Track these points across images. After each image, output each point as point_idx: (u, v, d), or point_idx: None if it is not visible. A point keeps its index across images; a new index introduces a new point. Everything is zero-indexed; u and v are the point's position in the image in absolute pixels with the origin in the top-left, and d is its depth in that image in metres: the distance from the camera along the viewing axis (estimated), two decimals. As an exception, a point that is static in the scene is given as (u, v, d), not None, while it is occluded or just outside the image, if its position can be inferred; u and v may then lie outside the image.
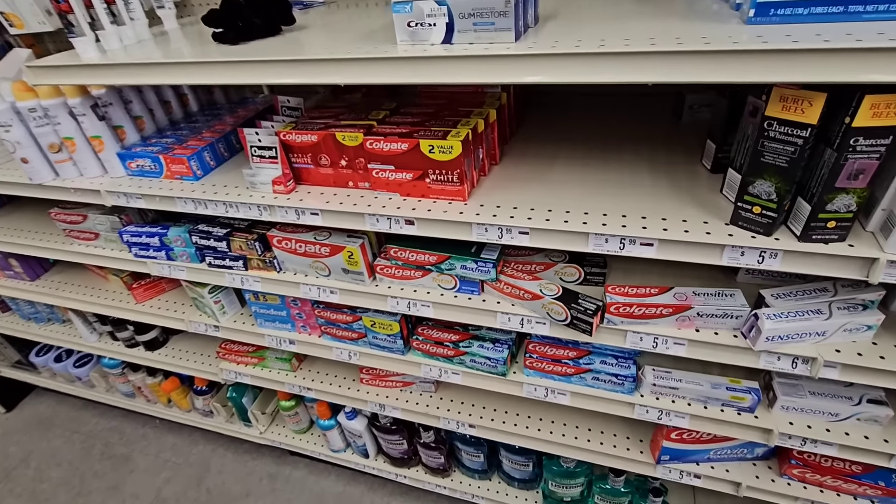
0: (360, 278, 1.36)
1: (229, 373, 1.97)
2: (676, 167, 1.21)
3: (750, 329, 1.08)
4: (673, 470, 1.46)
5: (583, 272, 1.26)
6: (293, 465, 2.43)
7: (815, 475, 1.34)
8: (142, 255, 1.59)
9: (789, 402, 1.21)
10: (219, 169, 1.47)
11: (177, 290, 1.96)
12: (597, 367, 1.33)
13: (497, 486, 1.99)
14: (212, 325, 1.77)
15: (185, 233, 1.50)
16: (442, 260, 1.25)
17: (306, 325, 1.63)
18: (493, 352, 1.40)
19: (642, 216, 1.03)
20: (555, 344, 1.38)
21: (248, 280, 1.50)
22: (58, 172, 1.51)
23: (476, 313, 1.29)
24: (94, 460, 2.58)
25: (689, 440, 1.37)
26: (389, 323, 1.45)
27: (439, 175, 1.13)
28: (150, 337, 2.10)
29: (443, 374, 1.49)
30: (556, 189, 1.17)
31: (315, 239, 1.34)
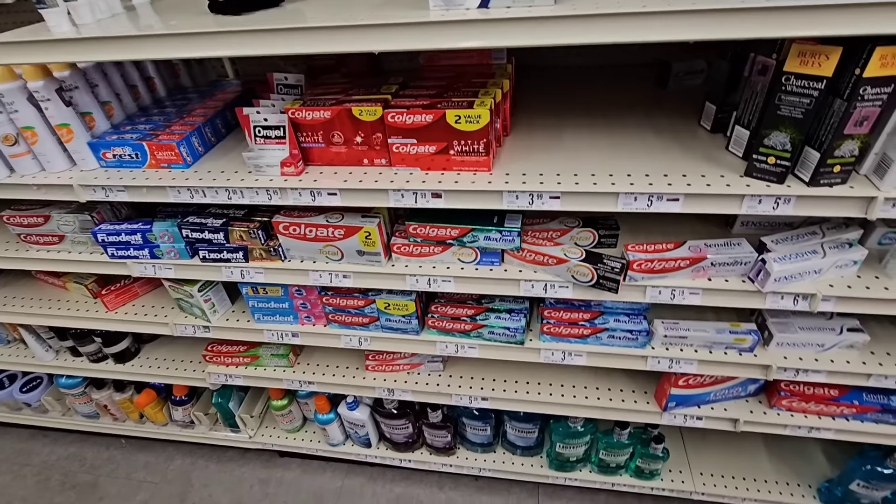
0: (376, 259, 1.33)
1: (218, 376, 1.86)
2: (678, 129, 1.28)
3: (758, 273, 1.18)
4: (678, 415, 1.58)
5: (597, 235, 1.31)
6: (284, 467, 2.34)
7: (801, 403, 1.50)
8: (120, 255, 1.45)
9: (784, 339, 1.34)
10: (208, 154, 1.37)
11: (152, 293, 1.81)
12: (611, 325, 1.39)
13: (502, 458, 2.04)
14: (201, 327, 1.65)
15: (174, 227, 1.38)
16: (464, 233, 1.25)
17: (310, 315, 1.57)
18: (511, 321, 1.43)
19: (664, 174, 1.09)
20: (569, 308, 1.43)
21: (250, 272, 1.41)
22: (13, 168, 1.33)
23: (498, 283, 1.30)
24: (54, 493, 2.33)
25: (694, 385, 1.48)
26: (405, 303, 1.43)
27: (464, 146, 1.13)
28: (120, 348, 1.92)
29: (459, 349, 1.50)
30: (572, 155, 1.21)
31: (327, 222, 1.29)
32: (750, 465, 1.93)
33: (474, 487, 2.19)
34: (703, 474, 1.92)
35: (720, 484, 1.88)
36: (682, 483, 1.89)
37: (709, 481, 1.89)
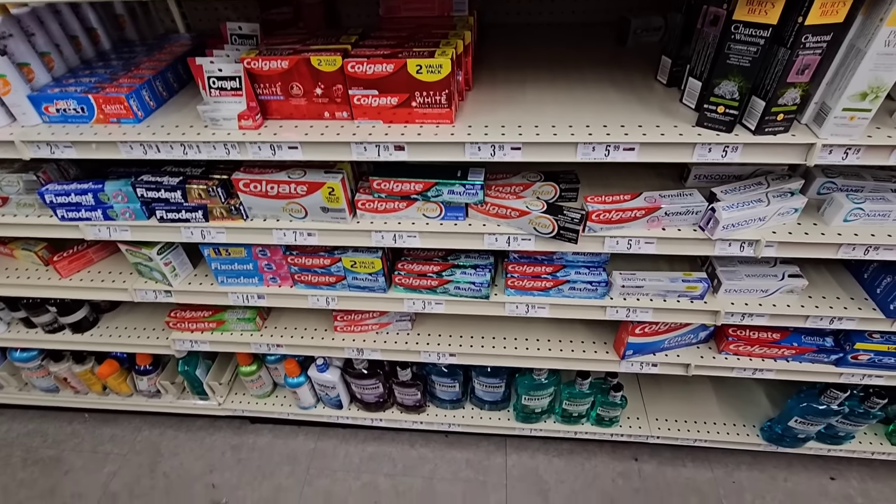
0: (340, 216, 1.32)
1: (183, 343, 1.83)
2: (636, 84, 1.31)
3: (707, 222, 1.24)
4: (635, 363, 1.66)
5: (558, 189, 1.34)
6: (256, 433, 2.36)
7: (747, 347, 1.61)
8: (71, 217, 1.39)
9: (731, 286, 1.43)
10: (160, 110, 1.31)
11: (108, 258, 1.75)
12: (572, 277, 1.44)
13: (470, 413, 2.11)
14: (162, 291, 1.62)
15: (128, 186, 1.33)
16: (428, 187, 1.26)
17: (276, 277, 1.56)
18: (477, 276, 1.46)
19: (620, 125, 1.12)
20: (532, 262, 1.47)
21: (210, 232, 1.38)
22: (-55, 124, 1.25)
23: (463, 237, 1.32)
24: (16, 469, 2.28)
25: (650, 333, 1.57)
26: (371, 261, 1.44)
27: (426, 98, 1.12)
28: (77, 317, 1.86)
29: (426, 305, 1.53)
30: (533, 108, 1.22)
31: (289, 178, 1.27)
32: (701, 410, 2.07)
33: (445, 443, 2.26)
34: (659, 419, 2.04)
35: (674, 428, 2.01)
36: (640, 428, 2.02)
37: (664, 426, 2.02)
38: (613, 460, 2.18)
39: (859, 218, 1.23)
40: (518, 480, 2.13)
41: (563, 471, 2.16)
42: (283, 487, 2.15)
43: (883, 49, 0.90)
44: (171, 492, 2.15)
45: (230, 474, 2.20)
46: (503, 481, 2.13)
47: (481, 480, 2.13)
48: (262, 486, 2.15)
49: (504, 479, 2.14)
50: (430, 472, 2.17)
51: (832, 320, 1.41)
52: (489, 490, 2.10)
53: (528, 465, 2.18)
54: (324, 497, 2.10)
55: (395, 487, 2.12)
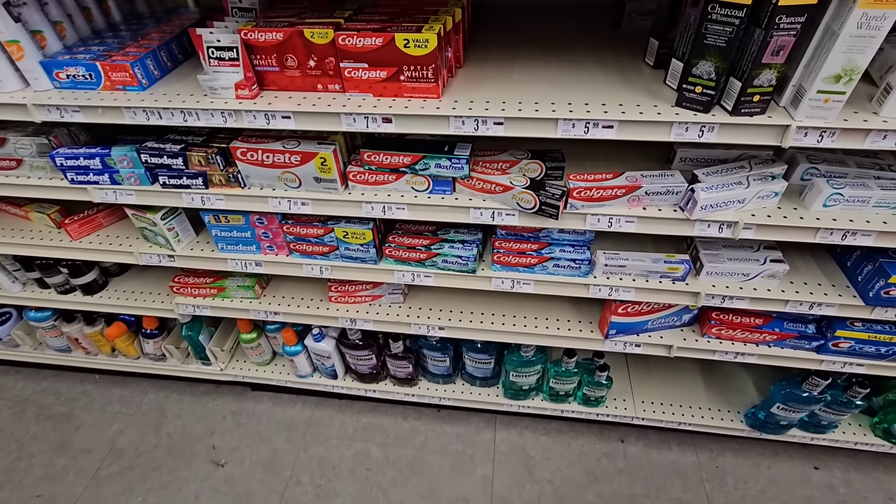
0: (332, 186, 1.38)
1: (186, 307, 1.91)
2: (624, 65, 1.34)
3: (687, 202, 1.27)
4: (618, 342, 1.70)
5: (544, 167, 1.38)
6: (256, 400, 2.45)
7: (729, 331, 1.63)
8: (80, 180, 1.46)
9: (713, 269, 1.45)
10: (164, 79, 1.38)
11: (117, 223, 1.83)
12: (557, 255, 1.48)
13: (461, 388, 2.17)
14: (166, 256, 1.69)
15: (133, 151, 1.40)
16: (416, 160, 1.30)
17: (273, 245, 1.63)
18: (464, 251, 1.51)
19: (602, 104, 1.15)
20: (518, 239, 1.52)
21: (210, 199, 1.45)
22: (-36, 87, 1.32)
23: (450, 211, 1.37)
24: (30, 423, 2.41)
25: (632, 313, 1.60)
26: (362, 232, 1.50)
27: (414, 72, 1.16)
28: (88, 279, 1.96)
29: (416, 277, 1.58)
30: (520, 86, 1.26)
31: (284, 147, 1.32)
32: (687, 394, 2.10)
33: (437, 418, 2.33)
34: (645, 402, 2.08)
35: (659, 410, 2.05)
36: (626, 409, 2.06)
37: (649, 408, 2.06)
38: (600, 441, 2.23)
39: (839, 203, 1.24)
40: (505, 455, 2.19)
41: (549, 448, 2.21)
42: (280, 451, 2.24)
43: (856, 31, 0.91)
44: (174, 451, 2.26)
45: (230, 437, 2.30)
46: (491, 455, 2.19)
47: (469, 454, 2.20)
48: (259, 450, 2.25)
49: (492, 453, 2.20)
50: (420, 443, 2.24)
51: (811, 306, 1.43)
52: (477, 463, 2.17)
53: (515, 442, 2.24)
54: (318, 462, 2.19)
55: (386, 456, 2.20)
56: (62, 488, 2.16)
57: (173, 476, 2.18)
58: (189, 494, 2.12)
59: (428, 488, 2.08)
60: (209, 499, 2.10)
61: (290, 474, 2.16)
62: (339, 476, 2.15)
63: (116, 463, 2.24)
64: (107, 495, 2.13)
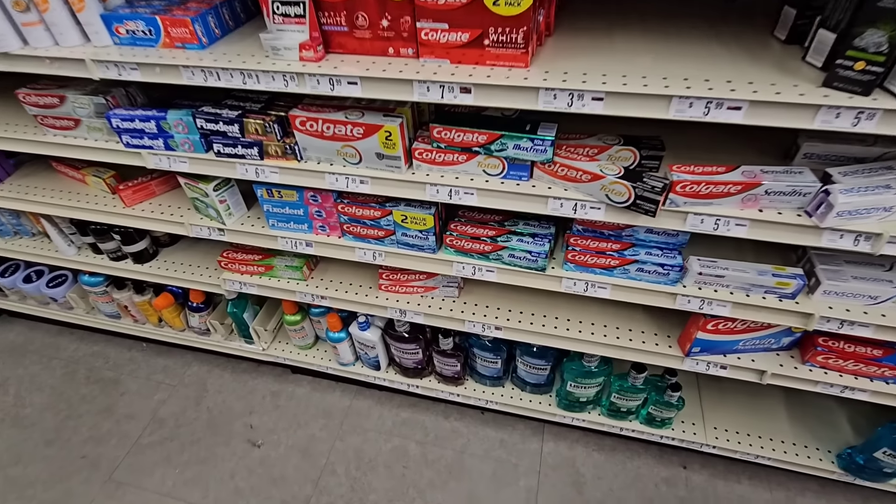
0: (396, 164, 1.24)
1: (233, 283, 1.85)
2: (746, 40, 1.12)
3: (818, 206, 1.05)
4: (701, 362, 1.50)
5: (638, 155, 1.19)
6: (296, 383, 2.39)
7: (838, 361, 1.40)
8: (134, 143, 1.40)
9: (832, 287, 1.22)
10: (225, 39, 1.28)
11: (170, 192, 1.78)
12: (642, 258, 1.30)
13: (510, 392, 2.02)
14: (216, 229, 1.62)
15: (188, 116, 1.32)
16: (492, 139, 1.15)
17: (325, 225, 1.52)
18: (534, 245, 1.34)
19: (727, 81, 0.95)
20: (598, 237, 1.34)
21: (265, 171, 1.35)
22: (26, 39, 1.27)
23: (525, 199, 1.21)
24: (80, 385, 2.45)
25: (724, 331, 1.39)
26: (423, 217, 1.36)
27: (500, 35, 1.00)
28: (139, 248, 1.93)
29: (477, 271, 1.44)
30: (622, 57, 1.07)
31: (346, 118, 1.20)
32: (767, 424, 1.86)
33: (480, 420, 2.20)
34: (717, 428, 1.86)
35: (734, 439, 1.82)
36: (694, 434, 1.84)
37: (722, 435, 1.84)
38: (659, 464, 2.03)
39: None
40: (552, 469, 2.03)
41: (602, 466, 2.03)
42: (316, 438, 2.17)
43: None
44: (213, 426, 2.23)
45: (268, 418, 2.26)
46: (536, 467, 2.04)
47: (513, 463, 2.05)
48: (296, 434, 2.19)
49: (538, 465, 2.04)
50: (461, 446, 2.11)
51: (957, 341, 1.18)
52: (520, 473, 2.02)
53: (564, 455, 2.07)
54: (354, 453, 2.11)
55: (424, 455, 2.09)
56: (106, 451, 2.18)
57: (210, 452, 2.15)
58: (225, 472, 2.08)
59: (467, 495, 1.96)
60: (244, 479, 2.06)
61: (326, 463, 2.09)
62: (374, 470, 2.05)
63: (157, 432, 2.24)
64: (147, 463, 2.13)
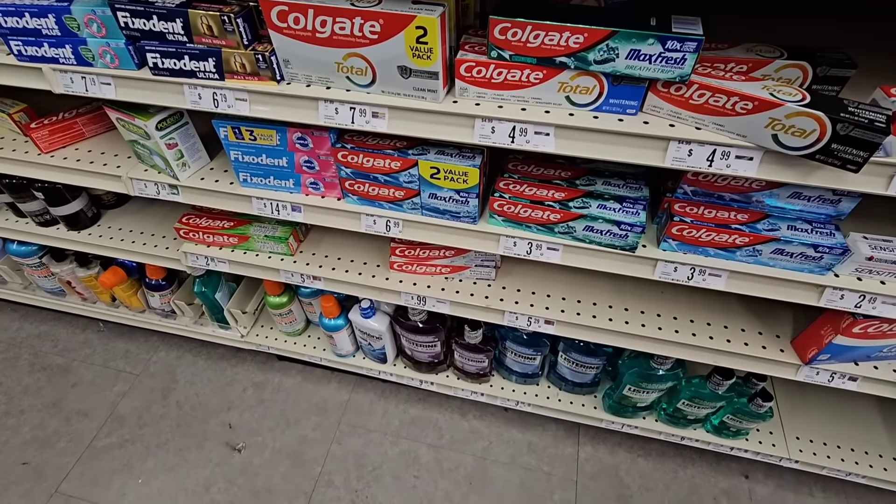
0: (430, 85, 0.79)
1: (196, 258, 1.41)
2: None
3: None
4: (824, 372, 1.12)
5: (810, 73, 0.76)
6: (283, 372, 2.01)
7: None
8: (30, 55, 0.93)
9: None
10: None
11: (105, 135, 1.31)
12: (785, 234, 0.89)
13: (545, 392, 1.66)
14: (166, 185, 1.17)
15: (104, 6, 0.85)
16: (596, 39, 0.70)
17: (318, 181, 1.07)
18: (625, 214, 0.92)
19: None
20: (716, 204, 0.92)
21: (227, 97, 0.90)
22: None
23: (631, 144, 0.78)
24: (22, 373, 2.04)
25: (874, 334, 1.01)
26: (464, 170, 0.92)
27: None
28: (71, 210, 1.47)
29: (534, 250, 1.02)
30: None
31: (353, 6, 0.74)
32: (861, 435, 1.54)
33: (503, 419, 1.85)
34: (801, 439, 1.53)
35: (821, 453, 1.50)
36: (773, 447, 1.51)
37: (807, 448, 1.51)
38: (716, 473, 1.71)
39: None
40: (591, 479, 1.70)
41: (649, 476, 1.71)
42: (309, 441, 1.81)
43: None
44: (183, 425, 1.86)
45: (250, 416, 1.88)
46: (573, 476, 1.71)
47: (546, 472, 1.72)
48: (284, 436, 1.82)
49: (574, 473, 1.71)
50: (482, 450, 1.77)
51: None
52: (555, 485, 1.68)
53: (605, 462, 1.74)
54: (354, 459, 1.75)
55: (439, 462, 1.74)
56: (52, 456, 1.80)
57: (181, 457, 1.78)
58: (198, 482, 1.72)
59: (491, 512, 1.63)
60: (222, 491, 1.70)
61: (321, 472, 1.74)
62: (379, 481, 1.71)
63: (116, 433, 1.85)
64: (102, 471, 1.75)
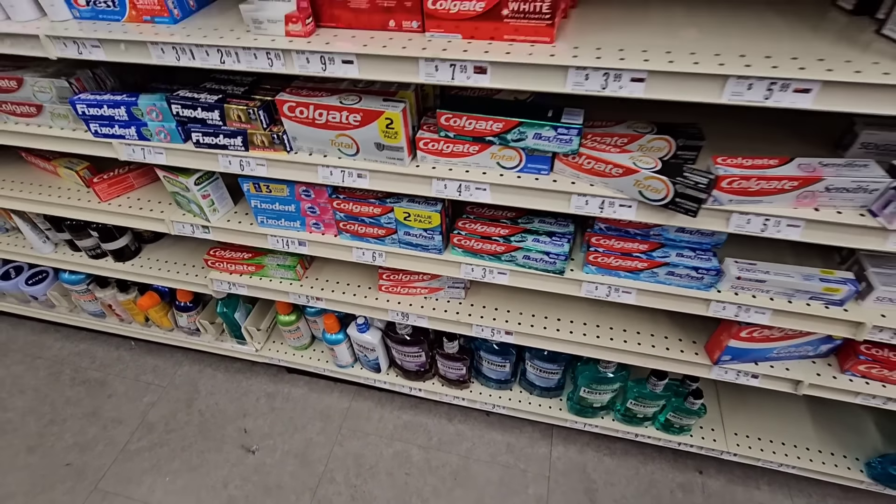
0: (398, 156, 1.10)
1: (221, 283, 1.71)
2: (804, 10, 0.97)
3: (885, 205, 0.91)
4: (730, 371, 1.38)
5: (674, 145, 1.05)
6: (292, 383, 2.27)
7: (882, 370, 1.28)
8: (104, 133, 1.25)
9: (886, 293, 1.10)
10: (202, 12, 1.12)
11: (150, 186, 1.63)
12: (674, 260, 1.16)
13: (518, 396, 1.91)
14: (199, 226, 1.48)
15: (162, 101, 1.16)
16: (509, 127, 1.00)
17: (319, 222, 1.37)
18: (552, 246, 1.21)
19: (792, 58, 0.80)
20: (623, 237, 1.20)
21: (250, 163, 1.20)
22: (-27, 13, 1.11)
23: (545, 196, 1.07)
24: (65, 386, 2.32)
25: (759, 338, 1.27)
26: (428, 214, 1.22)
27: (522, 4, 0.85)
28: (119, 245, 1.78)
29: (487, 274, 1.30)
30: (662, 31, 0.92)
31: (341, 104, 1.05)
32: (791, 431, 1.75)
33: (485, 423, 2.09)
34: (738, 434, 1.75)
35: (756, 447, 1.72)
36: (714, 441, 1.74)
37: (743, 442, 1.73)
38: (673, 469, 1.93)
39: None
40: (562, 475, 1.93)
41: (614, 472, 1.93)
42: (314, 443, 2.06)
43: None
44: (204, 430, 2.12)
45: (262, 422, 2.14)
46: (546, 473, 1.93)
47: (521, 468, 1.95)
48: (292, 439, 2.07)
49: (547, 470, 1.94)
50: (466, 450, 2.01)
51: None
52: (529, 480, 1.91)
53: (574, 460, 1.97)
54: (353, 459, 2.00)
55: (428, 461, 1.98)
56: (91, 458, 2.06)
57: (203, 458, 2.04)
58: (217, 480, 1.97)
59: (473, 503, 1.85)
60: (238, 487, 1.95)
61: (324, 470, 1.98)
62: (375, 477, 1.95)
63: (146, 437, 2.12)
64: (135, 471, 2.01)
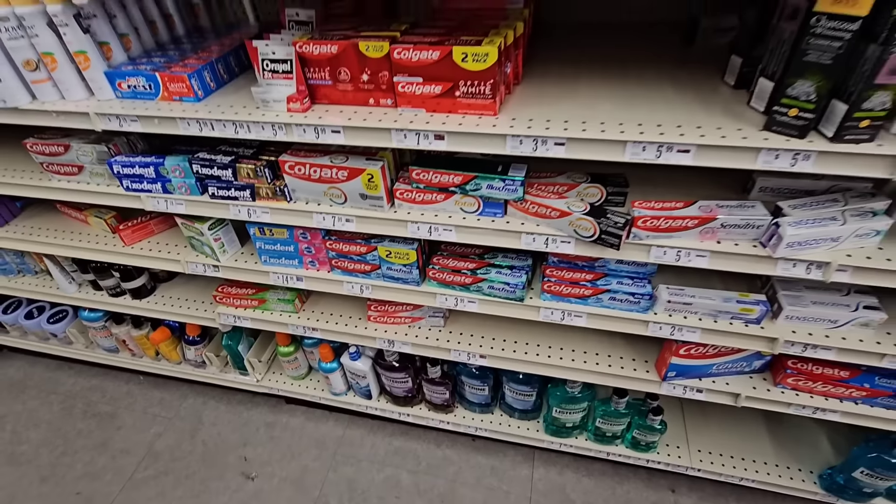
0: (378, 204, 1.32)
1: (227, 317, 1.91)
2: (699, 85, 1.22)
3: (770, 238, 1.13)
4: (677, 386, 1.55)
5: (605, 192, 1.27)
6: (290, 413, 2.42)
7: (808, 382, 1.45)
8: (135, 188, 1.48)
9: (794, 312, 1.29)
10: (220, 91, 1.38)
11: (167, 231, 1.86)
12: (614, 287, 1.36)
13: (499, 419, 2.06)
14: (211, 265, 1.69)
15: (185, 161, 1.41)
16: (467, 180, 1.23)
17: (315, 260, 1.59)
18: (512, 277, 1.41)
19: (677, 125, 1.04)
20: (572, 268, 1.41)
21: (256, 211, 1.43)
22: (35, 95, 1.37)
23: (500, 235, 1.29)
24: (76, 419, 2.48)
25: (696, 355, 1.45)
26: (406, 252, 1.43)
27: (470, 87, 1.10)
28: (137, 284, 2.00)
29: (459, 303, 1.50)
30: (584, 104, 1.17)
31: (332, 163, 1.29)
32: (750, 447, 1.89)
33: (471, 447, 2.22)
34: (702, 451, 1.89)
35: (718, 462, 1.85)
36: (679, 458, 1.88)
37: (706, 458, 1.87)
38: (648, 488, 2.05)
39: (957, 247, 1.07)
40: (543, 495, 2.05)
41: (591, 492, 2.05)
42: (310, 469, 2.19)
43: None
44: (207, 459, 2.25)
45: (262, 450, 2.28)
46: (528, 494, 2.06)
47: (505, 490, 2.07)
48: (290, 466, 2.20)
49: (529, 492, 2.06)
50: (453, 474, 2.13)
51: (914, 362, 1.24)
52: (512, 501, 2.03)
53: (555, 481, 2.09)
54: (346, 484, 2.12)
55: (416, 485, 2.10)
56: (100, 487, 2.19)
57: (205, 486, 2.17)
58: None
59: (459, 525, 1.97)
60: (238, 513, 2.07)
61: (319, 495, 2.11)
62: (367, 502, 2.07)
63: (152, 466, 2.25)
64: (141, 499, 2.14)
